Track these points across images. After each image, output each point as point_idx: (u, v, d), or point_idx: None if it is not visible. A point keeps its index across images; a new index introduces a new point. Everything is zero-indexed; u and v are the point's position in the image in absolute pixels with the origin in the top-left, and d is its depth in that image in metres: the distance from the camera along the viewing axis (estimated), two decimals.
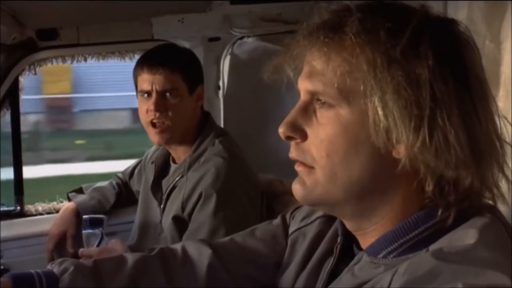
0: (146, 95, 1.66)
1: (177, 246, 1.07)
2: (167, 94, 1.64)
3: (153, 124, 1.65)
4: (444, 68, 0.70)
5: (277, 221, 1.08)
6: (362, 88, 0.72)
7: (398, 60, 0.70)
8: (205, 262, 1.01)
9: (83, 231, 1.65)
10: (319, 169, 0.76)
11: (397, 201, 0.76)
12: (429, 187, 0.72)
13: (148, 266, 1.01)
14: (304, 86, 0.78)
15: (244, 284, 1.02)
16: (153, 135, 1.66)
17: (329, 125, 0.75)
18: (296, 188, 0.80)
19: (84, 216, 1.68)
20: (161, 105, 1.64)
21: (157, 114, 1.63)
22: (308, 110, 0.77)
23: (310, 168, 0.77)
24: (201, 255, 1.03)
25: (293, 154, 0.79)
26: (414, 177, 0.73)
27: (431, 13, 0.76)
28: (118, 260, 1.02)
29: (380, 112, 0.70)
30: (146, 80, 1.65)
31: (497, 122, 0.75)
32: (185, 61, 1.71)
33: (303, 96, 0.79)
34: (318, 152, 0.76)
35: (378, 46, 0.71)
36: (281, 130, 0.78)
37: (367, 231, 0.79)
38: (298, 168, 0.79)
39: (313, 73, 0.76)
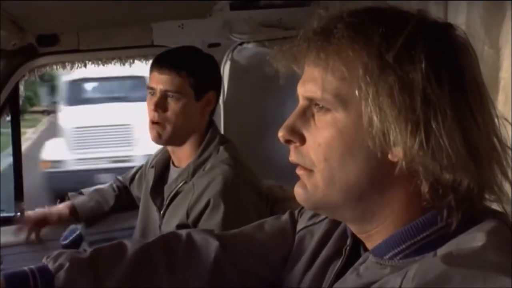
0: (151, 92, 1.66)
1: (183, 233, 1.05)
2: (169, 96, 1.63)
3: (153, 122, 1.65)
4: (438, 72, 0.70)
5: (285, 216, 1.07)
6: (357, 92, 0.72)
7: (391, 65, 0.70)
8: (211, 255, 1.00)
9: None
10: (318, 173, 0.77)
11: (396, 203, 0.76)
12: (425, 190, 0.72)
13: (149, 255, 0.99)
14: (302, 91, 0.79)
15: (249, 282, 1.02)
16: (151, 131, 1.66)
17: (326, 129, 0.75)
18: (298, 192, 0.80)
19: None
20: (161, 105, 1.62)
21: (156, 114, 1.62)
22: (306, 114, 0.78)
23: (310, 171, 0.78)
24: (208, 246, 1.01)
25: (292, 157, 0.80)
26: (411, 179, 0.73)
27: (428, 18, 0.76)
28: (116, 250, 0.99)
29: (375, 117, 0.71)
30: (153, 78, 1.65)
31: (497, 124, 0.75)
32: (197, 67, 1.67)
33: (302, 101, 0.79)
34: (316, 156, 0.76)
35: (372, 50, 0.71)
36: (280, 133, 0.79)
37: (370, 234, 0.79)
38: (299, 171, 0.80)
39: (311, 78, 0.77)
